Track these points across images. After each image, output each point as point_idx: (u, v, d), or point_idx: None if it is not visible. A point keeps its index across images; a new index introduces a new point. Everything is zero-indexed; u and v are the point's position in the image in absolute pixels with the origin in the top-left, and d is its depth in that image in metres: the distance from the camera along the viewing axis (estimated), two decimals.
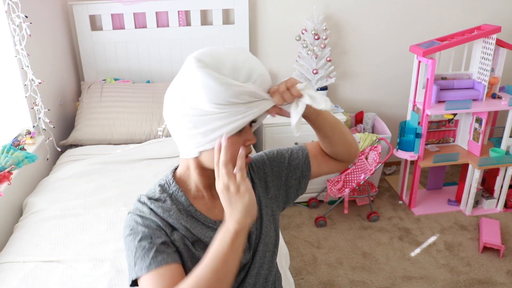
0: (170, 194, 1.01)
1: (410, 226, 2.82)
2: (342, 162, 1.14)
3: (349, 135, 1.11)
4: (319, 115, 1.02)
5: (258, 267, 1.08)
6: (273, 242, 1.12)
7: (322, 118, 1.03)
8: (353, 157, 1.13)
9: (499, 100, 2.76)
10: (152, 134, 2.56)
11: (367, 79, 3.32)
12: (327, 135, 1.07)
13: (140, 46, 2.89)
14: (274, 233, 1.13)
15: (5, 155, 1.89)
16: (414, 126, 2.80)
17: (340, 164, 1.15)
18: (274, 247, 1.13)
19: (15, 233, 1.78)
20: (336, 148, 1.11)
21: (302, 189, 1.16)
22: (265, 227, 1.09)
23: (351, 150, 1.12)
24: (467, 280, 2.36)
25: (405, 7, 3.13)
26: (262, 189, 1.11)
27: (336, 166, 1.15)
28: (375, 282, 2.36)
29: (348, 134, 1.10)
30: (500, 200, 2.94)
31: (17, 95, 2.17)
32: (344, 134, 1.09)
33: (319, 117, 1.02)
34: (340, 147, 1.10)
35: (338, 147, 1.10)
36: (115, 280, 1.49)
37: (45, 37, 2.48)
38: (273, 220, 1.12)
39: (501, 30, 2.60)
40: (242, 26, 2.94)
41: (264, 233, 1.09)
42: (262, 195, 1.11)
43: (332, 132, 1.07)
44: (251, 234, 1.07)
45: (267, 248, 1.10)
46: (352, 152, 1.12)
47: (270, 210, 1.11)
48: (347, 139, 1.10)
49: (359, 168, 2.92)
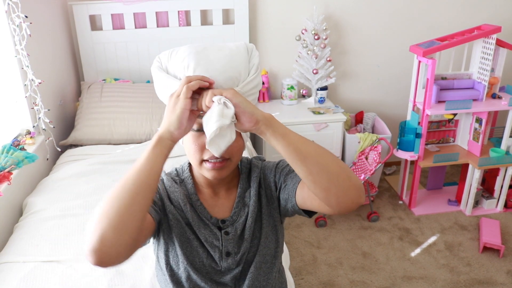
0: (182, 179, 1.09)
1: (410, 226, 2.82)
2: (331, 208, 0.86)
3: (340, 175, 0.83)
4: (273, 137, 0.84)
5: (253, 279, 1.07)
6: (272, 253, 1.09)
7: (278, 142, 0.84)
8: (345, 205, 0.84)
9: (499, 100, 2.76)
10: (152, 134, 2.55)
11: (367, 79, 3.32)
12: (295, 167, 0.85)
13: (140, 46, 2.89)
14: (275, 244, 1.10)
15: (5, 155, 1.89)
16: (414, 126, 2.80)
17: (328, 209, 0.87)
18: (273, 259, 1.10)
19: (15, 233, 1.78)
20: (314, 189, 0.85)
21: (292, 212, 1.04)
22: (265, 237, 1.08)
23: (340, 196, 0.83)
24: (467, 280, 2.36)
25: (405, 7, 3.13)
26: (266, 198, 1.09)
27: (323, 209, 0.89)
28: (375, 282, 2.36)
29: (337, 173, 0.83)
30: (500, 200, 2.94)
31: (17, 95, 2.17)
32: (329, 171, 0.83)
33: (273, 138, 0.84)
34: (318, 189, 0.84)
35: (316, 188, 0.84)
36: (115, 280, 1.49)
37: (45, 37, 2.48)
38: (275, 230, 1.10)
39: (501, 30, 2.60)
40: (242, 26, 2.94)
41: (263, 243, 1.07)
42: (266, 204, 1.09)
43: (304, 164, 0.83)
44: (243, 242, 1.05)
45: (264, 259, 1.08)
46: (344, 200, 0.83)
47: (273, 220, 1.10)
48: (332, 180, 0.82)
49: (359, 168, 2.91)
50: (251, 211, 1.06)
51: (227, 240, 1.04)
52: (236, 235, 1.05)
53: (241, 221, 1.06)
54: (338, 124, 2.86)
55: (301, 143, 0.85)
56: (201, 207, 1.05)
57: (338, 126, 2.87)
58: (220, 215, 1.07)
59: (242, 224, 1.06)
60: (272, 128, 0.84)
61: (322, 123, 2.84)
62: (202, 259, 1.04)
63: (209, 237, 1.04)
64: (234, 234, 1.05)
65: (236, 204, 1.07)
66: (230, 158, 0.97)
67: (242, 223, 1.06)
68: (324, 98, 3.06)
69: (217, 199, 1.08)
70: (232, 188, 1.09)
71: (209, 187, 1.07)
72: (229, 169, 0.99)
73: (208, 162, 0.96)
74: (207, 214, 1.05)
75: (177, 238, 1.03)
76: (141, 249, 1.62)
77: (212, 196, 1.08)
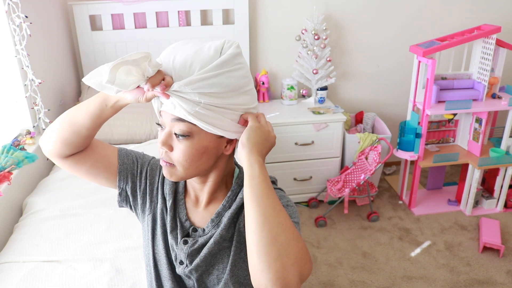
0: None
1: (410, 226, 2.82)
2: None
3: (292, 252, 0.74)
4: (247, 159, 0.84)
5: None
6: (242, 281, 0.99)
7: (246, 170, 0.83)
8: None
9: (499, 100, 2.76)
10: (152, 134, 2.56)
11: (367, 79, 3.32)
12: (246, 211, 0.80)
13: (140, 46, 2.89)
14: (248, 274, 0.99)
15: (5, 155, 1.89)
16: (414, 126, 2.80)
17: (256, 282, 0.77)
18: (246, 286, 1.00)
19: (15, 233, 1.78)
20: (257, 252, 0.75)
21: None
22: (233, 265, 0.98)
23: (280, 276, 0.71)
24: (467, 280, 2.36)
25: (405, 7, 3.13)
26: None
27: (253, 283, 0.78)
28: (375, 282, 2.36)
29: (271, 243, 0.73)
30: (500, 200, 2.94)
31: (17, 95, 2.17)
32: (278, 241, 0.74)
33: (245, 161, 0.84)
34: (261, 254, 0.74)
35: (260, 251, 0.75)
36: (115, 280, 1.49)
37: (45, 37, 2.48)
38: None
39: (501, 30, 2.60)
40: (242, 26, 2.94)
41: (232, 271, 0.98)
42: (242, 232, 0.98)
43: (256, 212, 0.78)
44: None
45: (235, 285, 0.99)
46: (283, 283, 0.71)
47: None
48: (280, 252, 0.73)
49: (359, 168, 2.92)
50: (217, 233, 0.96)
51: (181, 249, 1.00)
52: (192, 249, 0.98)
53: (206, 237, 0.99)
54: (338, 124, 2.86)
55: (265, 195, 0.79)
56: (182, 207, 1.03)
57: (338, 126, 2.87)
58: (196, 223, 1.02)
59: (206, 239, 0.98)
60: (250, 153, 0.84)
61: (322, 123, 2.84)
62: (162, 253, 1.04)
63: (173, 238, 1.01)
64: (190, 246, 0.99)
65: (212, 219, 0.99)
66: (176, 164, 0.90)
67: (205, 239, 0.98)
68: (324, 98, 3.06)
69: (199, 206, 1.03)
70: (216, 201, 1.02)
71: (194, 191, 1.04)
72: (176, 176, 0.92)
73: None
74: (184, 215, 1.02)
75: (150, 222, 1.05)
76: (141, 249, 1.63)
77: (195, 202, 1.04)
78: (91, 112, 0.89)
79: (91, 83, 0.82)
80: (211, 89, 0.83)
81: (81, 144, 0.95)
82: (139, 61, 0.78)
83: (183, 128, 0.87)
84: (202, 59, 0.84)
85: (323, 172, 3.01)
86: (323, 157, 2.96)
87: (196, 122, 0.85)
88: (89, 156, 0.98)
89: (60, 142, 0.93)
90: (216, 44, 0.87)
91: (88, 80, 0.82)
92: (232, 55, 0.86)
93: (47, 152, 0.97)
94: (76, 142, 0.94)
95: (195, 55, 0.84)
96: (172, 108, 0.86)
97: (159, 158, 0.98)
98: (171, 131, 0.89)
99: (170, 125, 0.89)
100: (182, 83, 0.82)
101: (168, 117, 0.88)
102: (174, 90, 0.82)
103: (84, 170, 0.99)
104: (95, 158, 1.00)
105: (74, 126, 0.91)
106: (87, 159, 0.98)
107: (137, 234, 1.72)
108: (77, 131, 0.92)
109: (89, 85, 0.85)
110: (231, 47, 0.87)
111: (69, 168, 0.99)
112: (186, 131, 0.87)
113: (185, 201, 1.04)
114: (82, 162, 0.98)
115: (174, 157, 0.90)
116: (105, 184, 1.04)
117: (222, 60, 0.84)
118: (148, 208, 1.06)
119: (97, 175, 1.01)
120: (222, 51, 0.86)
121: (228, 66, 0.85)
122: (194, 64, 0.83)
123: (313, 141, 2.88)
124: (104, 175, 1.02)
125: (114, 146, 1.05)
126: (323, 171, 3.00)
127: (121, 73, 0.79)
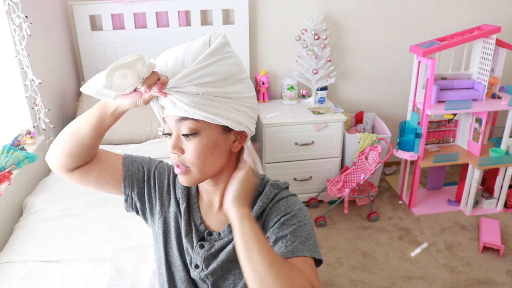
0: None
1: (410, 226, 2.82)
2: None
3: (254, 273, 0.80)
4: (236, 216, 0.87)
5: None
6: None
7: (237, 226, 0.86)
8: None
9: (499, 100, 2.76)
10: (152, 134, 2.56)
11: (367, 79, 3.32)
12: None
13: (140, 46, 2.89)
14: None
15: (5, 155, 1.89)
16: (414, 126, 2.80)
17: None
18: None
19: (15, 233, 1.78)
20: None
21: None
22: None
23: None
24: (467, 280, 2.37)
25: (405, 7, 3.13)
26: None
27: None
28: (375, 282, 2.36)
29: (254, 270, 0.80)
30: (500, 200, 2.94)
31: (17, 95, 2.17)
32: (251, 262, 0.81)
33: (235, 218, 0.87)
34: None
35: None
36: (115, 280, 1.49)
37: (45, 37, 2.48)
38: None
39: (501, 30, 2.60)
40: (242, 26, 2.94)
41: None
42: None
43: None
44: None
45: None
46: None
47: None
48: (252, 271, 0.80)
49: (359, 168, 2.92)
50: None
51: (197, 253, 1.00)
52: (209, 253, 0.99)
53: (224, 241, 0.99)
54: (338, 124, 2.87)
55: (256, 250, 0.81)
56: (195, 210, 1.03)
57: (338, 126, 2.87)
58: (211, 226, 1.03)
59: (223, 244, 0.99)
60: (239, 209, 0.87)
61: (322, 123, 2.84)
62: (176, 256, 1.04)
63: (188, 242, 1.02)
64: (206, 251, 1.00)
65: (229, 224, 0.98)
66: (190, 166, 0.91)
67: (223, 244, 0.99)
68: (324, 98, 3.06)
69: (212, 209, 1.03)
70: None
71: (206, 194, 1.04)
72: (191, 179, 0.93)
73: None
74: (198, 219, 1.02)
75: (161, 225, 1.05)
76: (141, 249, 1.63)
77: (208, 205, 1.04)
78: (92, 122, 0.92)
79: (89, 92, 0.85)
80: (206, 78, 0.85)
81: (86, 155, 0.98)
82: (133, 63, 0.80)
83: (189, 125, 0.88)
84: (193, 53, 0.86)
85: (323, 172, 3.01)
86: (323, 157, 2.96)
87: (199, 113, 0.86)
88: (94, 166, 1.01)
89: (65, 155, 0.96)
90: (203, 38, 0.90)
91: (86, 89, 0.85)
92: (221, 44, 0.89)
93: (53, 167, 1.00)
94: (81, 153, 0.96)
95: (185, 52, 0.86)
96: (173, 107, 0.87)
97: (171, 164, 1.01)
98: (178, 133, 0.90)
99: (176, 128, 0.90)
100: (177, 78, 0.83)
101: (172, 120, 0.89)
102: (171, 87, 0.83)
103: (91, 180, 1.01)
104: (100, 167, 1.01)
105: (77, 138, 0.94)
106: (92, 170, 1.00)
107: (137, 234, 1.72)
108: (80, 142, 0.94)
109: (87, 94, 0.87)
110: (218, 37, 0.90)
111: (77, 180, 1.01)
112: (192, 128, 0.88)
113: (198, 205, 1.05)
114: (89, 173, 1.00)
115: (186, 159, 0.91)
116: (114, 192, 1.06)
117: (211, 49, 0.86)
118: (158, 212, 1.06)
119: (105, 184, 1.03)
120: (210, 42, 0.89)
121: (218, 54, 0.87)
122: (185, 59, 0.85)
123: (313, 141, 2.88)
124: (111, 183, 1.03)
125: (119, 154, 1.07)
126: (323, 171, 3.00)
127: (117, 77, 0.81)
